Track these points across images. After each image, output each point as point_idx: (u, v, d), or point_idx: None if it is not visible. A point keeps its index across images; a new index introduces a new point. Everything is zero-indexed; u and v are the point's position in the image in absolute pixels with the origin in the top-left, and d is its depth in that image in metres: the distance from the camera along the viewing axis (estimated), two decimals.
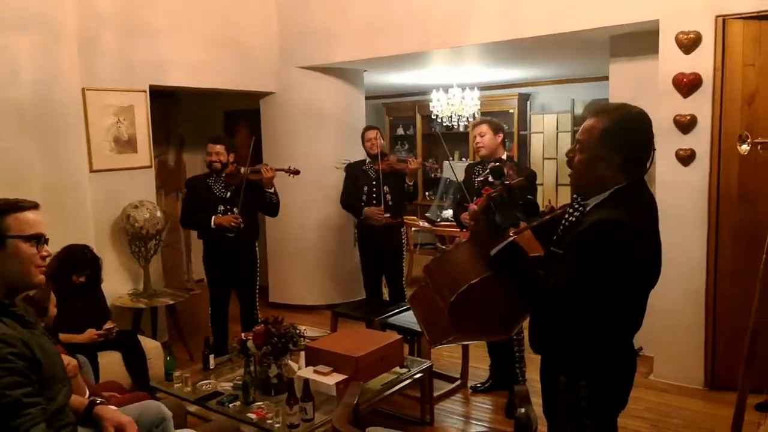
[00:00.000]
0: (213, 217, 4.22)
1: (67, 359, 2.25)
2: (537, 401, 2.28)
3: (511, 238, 1.77)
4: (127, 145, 4.63)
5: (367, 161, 4.87)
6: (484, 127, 3.89)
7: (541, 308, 1.74)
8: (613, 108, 1.76)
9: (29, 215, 1.69)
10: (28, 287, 1.73)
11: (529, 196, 1.83)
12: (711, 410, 3.65)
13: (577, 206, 1.86)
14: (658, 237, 1.79)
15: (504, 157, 3.88)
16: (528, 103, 8.13)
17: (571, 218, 1.86)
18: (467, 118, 7.04)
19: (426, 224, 6.90)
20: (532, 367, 3.86)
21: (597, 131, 1.72)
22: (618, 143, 1.70)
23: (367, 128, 4.95)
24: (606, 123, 1.72)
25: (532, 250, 1.89)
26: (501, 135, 3.91)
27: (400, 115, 9.13)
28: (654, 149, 1.79)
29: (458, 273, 1.79)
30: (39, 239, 1.69)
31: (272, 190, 4.36)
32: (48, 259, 1.74)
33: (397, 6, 5.04)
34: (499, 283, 1.76)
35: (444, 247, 6.51)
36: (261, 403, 2.95)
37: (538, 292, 1.71)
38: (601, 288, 1.65)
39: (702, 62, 3.74)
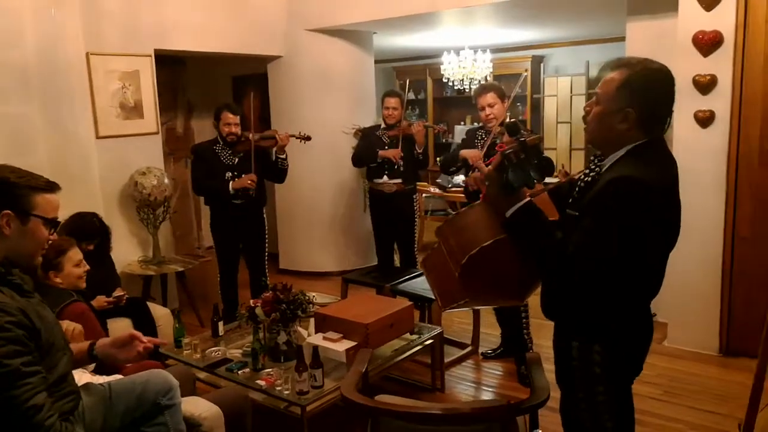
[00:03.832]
0: (231, 183, 4.16)
1: (72, 324, 2.24)
2: (548, 368, 2.25)
3: (528, 199, 1.70)
4: (133, 110, 4.57)
5: (381, 127, 4.77)
6: (493, 96, 3.67)
7: (559, 272, 1.67)
8: (635, 61, 1.68)
9: (55, 198, 1.69)
10: (26, 266, 1.72)
11: (545, 155, 1.75)
12: (725, 376, 3.61)
13: (593, 166, 1.79)
14: (678, 196, 1.72)
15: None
16: (541, 65, 7.94)
17: (587, 178, 1.78)
18: (479, 81, 6.89)
19: (437, 190, 6.83)
20: (540, 334, 3.86)
21: (616, 83, 1.66)
22: (637, 96, 1.63)
23: (388, 93, 4.75)
24: (626, 75, 1.65)
25: (548, 215, 1.82)
26: (507, 101, 3.75)
27: (411, 79, 8.94)
28: (672, 111, 1.71)
29: (471, 235, 1.72)
30: (55, 225, 1.69)
31: (284, 156, 4.31)
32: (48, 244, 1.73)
33: None
34: (512, 246, 1.69)
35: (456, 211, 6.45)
36: (270, 369, 2.93)
37: (555, 256, 1.63)
38: (620, 249, 1.58)
39: (723, 19, 3.60)
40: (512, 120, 3.12)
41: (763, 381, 2.34)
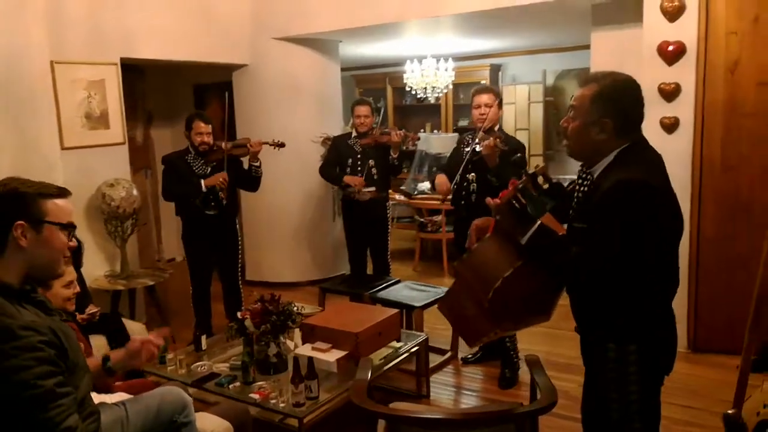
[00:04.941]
0: (203, 180, 4.07)
1: None
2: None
3: (539, 222, 1.77)
4: (99, 121, 4.43)
5: (353, 135, 4.77)
6: (490, 97, 3.68)
7: (582, 284, 1.73)
8: (601, 75, 1.82)
9: (67, 204, 1.63)
10: (50, 277, 1.66)
11: (554, 180, 1.83)
12: (695, 372, 3.76)
13: (585, 176, 1.86)
14: (672, 190, 1.82)
15: (497, 128, 3.81)
16: (499, 74, 8.11)
17: (582, 188, 1.86)
18: (441, 89, 6.98)
19: (402, 197, 6.86)
20: (524, 339, 3.93)
21: (588, 97, 1.78)
22: (609, 107, 1.75)
23: (358, 102, 4.78)
24: (596, 89, 1.78)
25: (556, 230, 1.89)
26: (500, 109, 3.82)
27: (370, 87, 9.01)
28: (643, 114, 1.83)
29: (489, 269, 1.79)
30: (72, 229, 1.63)
31: (258, 164, 4.26)
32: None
33: None
34: (531, 269, 1.76)
35: (423, 220, 6.49)
36: (262, 382, 2.89)
37: (576, 269, 1.70)
38: (637, 250, 1.66)
39: (686, 30, 3.77)
40: (519, 155, 3.21)
41: (748, 373, 2.47)
